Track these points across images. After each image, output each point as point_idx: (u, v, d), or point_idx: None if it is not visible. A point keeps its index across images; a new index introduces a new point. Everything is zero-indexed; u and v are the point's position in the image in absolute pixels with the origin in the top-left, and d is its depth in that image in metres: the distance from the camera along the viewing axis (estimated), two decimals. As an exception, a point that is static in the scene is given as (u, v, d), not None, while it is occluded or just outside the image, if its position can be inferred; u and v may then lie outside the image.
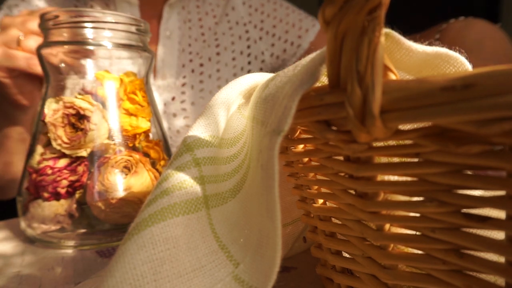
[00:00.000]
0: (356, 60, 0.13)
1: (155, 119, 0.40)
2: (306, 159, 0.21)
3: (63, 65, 0.37)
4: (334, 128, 0.16)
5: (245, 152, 0.24)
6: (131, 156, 0.36)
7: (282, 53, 0.73)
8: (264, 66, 0.73)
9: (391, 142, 0.20)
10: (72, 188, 0.34)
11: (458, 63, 0.19)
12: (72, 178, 0.34)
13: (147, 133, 0.39)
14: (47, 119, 0.35)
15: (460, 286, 0.14)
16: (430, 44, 0.19)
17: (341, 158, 0.18)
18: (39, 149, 0.36)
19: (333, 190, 0.19)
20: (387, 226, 0.16)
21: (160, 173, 0.38)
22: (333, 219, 0.21)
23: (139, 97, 0.38)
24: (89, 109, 0.35)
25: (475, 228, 0.13)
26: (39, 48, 0.36)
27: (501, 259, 0.12)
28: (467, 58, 0.20)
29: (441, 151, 0.13)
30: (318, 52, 0.17)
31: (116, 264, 0.16)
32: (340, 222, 0.20)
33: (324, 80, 0.22)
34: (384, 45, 0.13)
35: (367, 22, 0.13)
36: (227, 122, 0.24)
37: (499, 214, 0.13)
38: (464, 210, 0.13)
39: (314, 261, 0.29)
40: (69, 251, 0.33)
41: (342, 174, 0.18)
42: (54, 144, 0.34)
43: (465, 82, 0.11)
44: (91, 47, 0.36)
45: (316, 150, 0.20)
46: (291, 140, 0.22)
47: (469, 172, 0.13)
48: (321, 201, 0.21)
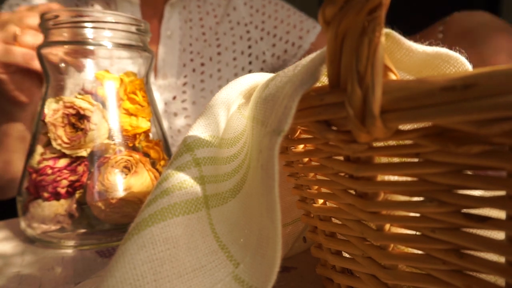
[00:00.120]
0: (356, 60, 0.13)
1: (155, 119, 0.40)
2: (306, 159, 0.21)
3: (63, 65, 0.37)
4: (334, 128, 0.16)
5: (245, 152, 0.24)
6: (131, 156, 0.36)
7: (283, 54, 0.73)
8: (265, 66, 0.73)
9: (391, 142, 0.20)
10: (72, 188, 0.34)
11: (458, 63, 0.19)
12: (72, 178, 0.34)
13: (147, 133, 0.39)
14: (47, 119, 0.35)
15: (460, 286, 0.14)
16: (430, 44, 0.19)
17: (341, 158, 0.18)
18: (39, 149, 0.36)
19: (333, 190, 0.19)
20: (387, 226, 0.16)
21: (160, 173, 0.38)
22: (333, 219, 0.21)
23: (139, 97, 0.38)
24: (89, 109, 0.35)
25: (475, 228, 0.13)
26: (39, 47, 0.36)
27: (501, 259, 0.12)
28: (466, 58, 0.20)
29: (441, 151, 0.13)
30: (318, 52, 0.17)
31: (116, 264, 0.16)
32: (340, 222, 0.20)
33: (324, 80, 0.22)
34: (384, 45, 0.13)
35: (367, 22, 0.13)
36: (227, 122, 0.24)
37: (499, 214, 0.13)
38: (464, 210, 0.13)
39: (314, 261, 0.29)
40: (69, 251, 0.33)
41: (342, 174, 0.18)
42: (54, 144, 0.34)
43: (465, 82, 0.11)
44: (91, 47, 0.36)
45: (316, 150, 0.20)
46: (291, 140, 0.22)
47: (469, 172, 0.13)
48: (321, 201, 0.21)
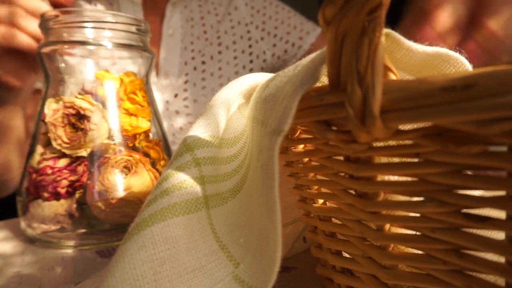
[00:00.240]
0: (356, 60, 0.13)
1: (155, 119, 0.40)
2: (306, 159, 0.21)
3: (63, 65, 0.37)
4: (334, 128, 0.16)
5: (245, 152, 0.24)
6: (131, 156, 0.36)
7: (283, 54, 0.73)
8: (265, 66, 0.73)
9: (391, 142, 0.20)
10: (72, 188, 0.34)
11: (458, 63, 0.19)
12: (72, 178, 0.34)
13: (147, 133, 0.39)
14: (47, 119, 0.35)
15: (460, 286, 0.14)
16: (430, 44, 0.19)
17: (341, 158, 0.18)
18: (39, 149, 0.36)
19: (333, 190, 0.19)
20: (387, 226, 0.16)
21: (160, 173, 0.38)
22: (333, 219, 0.21)
23: (139, 97, 0.38)
24: (89, 109, 0.35)
25: (475, 228, 0.13)
26: (39, 48, 0.36)
27: (501, 259, 0.12)
28: (467, 59, 0.20)
29: (441, 151, 0.13)
30: (318, 52, 0.17)
31: (116, 264, 0.16)
32: (340, 222, 0.20)
33: (324, 80, 0.22)
34: (384, 45, 0.13)
35: (367, 22, 0.13)
36: (227, 122, 0.24)
37: (499, 214, 0.13)
38: (464, 210, 0.13)
39: (314, 261, 0.29)
40: (69, 251, 0.33)
41: (342, 174, 0.18)
42: (54, 144, 0.34)
43: (465, 82, 0.11)
44: (91, 47, 0.36)
45: (316, 150, 0.20)
46: (291, 140, 0.22)
47: (469, 172, 0.13)
48: (321, 201, 0.21)
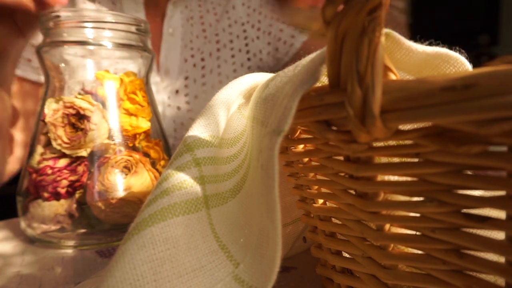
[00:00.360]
0: (356, 60, 0.13)
1: (155, 119, 0.40)
2: (306, 159, 0.21)
3: (63, 65, 0.37)
4: (334, 128, 0.16)
5: (245, 152, 0.24)
6: (131, 156, 0.36)
7: (275, 52, 0.74)
8: (262, 64, 0.74)
9: (391, 142, 0.20)
10: (72, 188, 0.34)
11: (458, 63, 0.19)
12: (72, 178, 0.34)
13: (147, 133, 0.39)
14: (47, 119, 0.35)
15: (460, 286, 0.14)
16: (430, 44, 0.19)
17: (341, 158, 0.18)
18: (39, 149, 0.36)
19: (333, 190, 0.19)
20: (387, 226, 0.16)
21: (160, 173, 0.38)
22: (333, 219, 0.21)
23: (139, 97, 0.38)
24: (89, 109, 0.35)
25: (475, 228, 0.13)
26: (39, 48, 0.36)
27: (501, 259, 0.12)
28: (467, 58, 0.20)
29: (441, 151, 0.13)
30: (318, 52, 0.17)
31: (116, 264, 0.16)
32: (340, 222, 0.20)
33: (324, 80, 0.22)
34: (384, 45, 0.13)
35: (367, 22, 0.13)
36: (227, 122, 0.24)
37: (499, 214, 0.13)
38: (464, 210, 0.13)
39: (314, 261, 0.29)
40: (69, 251, 0.33)
41: (342, 174, 0.18)
42: (54, 144, 0.34)
43: (465, 82, 0.11)
44: (91, 47, 0.36)
45: (316, 150, 0.20)
46: (291, 140, 0.22)
47: (469, 172, 0.13)
48: (321, 201, 0.21)
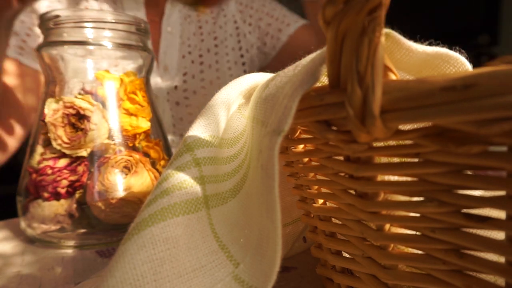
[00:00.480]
0: (356, 60, 0.13)
1: (155, 119, 0.40)
2: (306, 159, 0.21)
3: (63, 65, 0.37)
4: (334, 128, 0.16)
5: (245, 152, 0.24)
6: (131, 156, 0.36)
7: (263, 46, 0.75)
8: (253, 60, 0.75)
9: (391, 142, 0.20)
10: (72, 188, 0.34)
11: (458, 63, 0.19)
12: (72, 178, 0.34)
13: (147, 133, 0.39)
14: (47, 119, 0.35)
15: (460, 286, 0.14)
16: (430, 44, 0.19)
17: (341, 158, 0.18)
18: (39, 149, 0.36)
19: (333, 190, 0.19)
20: (387, 226, 0.16)
21: (160, 173, 0.38)
22: (333, 219, 0.21)
23: (139, 97, 0.38)
24: (89, 109, 0.35)
25: (475, 228, 0.13)
26: (39, 47, 0.36)
27: (501, 259, 0.12)
28: (467, 58, 0.20)
29: (441, 151, 0.13)
30: (319, 52, 0.17)
31: (116, 264, 0.16)
32: (340, 222, 0.20)
33: (324, 80, 0.22)
34: (384, 45, 0.13)
35: (367, 22, 0.13)
36: (227, 122, 0.24)
37: (499, 214, 0.13)
38: (464, 210, 0.13)
39: (314, 261, 0.29)
40: (69, 251, 0.33)
41: (342, 174, 0.18)
42: (54, 144, 0.34)
43: (465, 82, 0.11)
44: (91, 47, 0.36)
45: (316, 150, 0.20)
46: (291, 140, 0.22)
47: (469, 172, 0.13)
48: (321, 201, 0.21)
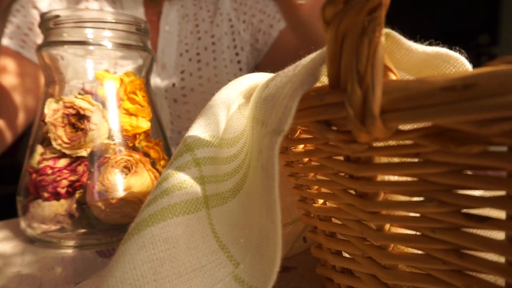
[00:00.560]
0: (356, 60, 0.13)
1: (155, 119, 0.40)
2: (306, 159, 0.21)
3: (63, 65, 0.37)
4: (334, 128, 0.16)
5: (245, 152, 0.24)
6: (131, 156, 0.36)
7: (256, 43, 0.75)
8: (248, 58, 0.75)
9: (391, 142, 0.20)
10: (72, 188, 0.34)
11: (458, 63, 0.19)
12: (72, 178, 0.34)
13: (147, 133, 0.39)
14: (47, 119, 0.35)
15: (460, 286, 0.14)
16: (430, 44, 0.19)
17: (341, 158, 0.18)
18: (39, 149, 0.36)
19: (333, 190, 0.19)
20: (387, 226, 0.16)
21: (160, 173, 0.38)
22: (333, 219, 0.21)
23: (139, 97, 0.38)
24: (89, 109, 0.35)
25: (475, 228, 0.13)
26: (39, 47, 0.36)
27: (501, 259, 0.12)
28: (467, 58, 0.20)
29: (441, 151, 0.13)
30: (319, 52, 0.17)
31: (116, 264, 0.16)
32: (340, 222, 0.20)
33: (324, 80, 0.22)
34: (384, 45, 0.13)
35: (367, 22, 0.13)
36: (227, 122, 0.24)
37: (499, 214, 0.13)
38: (464, 210, 0.13)
39: (314, 261, 0.29)
40: (69, 251, 0.33)
41: (342, 174, 0.18)
42: (54, 144, 0.34)
43: (465, 82, 0.11)
44: (91, 47, 0.36)
45: (316, 150, 0.20)
46: (291, 140, 0.22)
47: (469, 172, 0.13)
48: (321, 201, 0.21)
